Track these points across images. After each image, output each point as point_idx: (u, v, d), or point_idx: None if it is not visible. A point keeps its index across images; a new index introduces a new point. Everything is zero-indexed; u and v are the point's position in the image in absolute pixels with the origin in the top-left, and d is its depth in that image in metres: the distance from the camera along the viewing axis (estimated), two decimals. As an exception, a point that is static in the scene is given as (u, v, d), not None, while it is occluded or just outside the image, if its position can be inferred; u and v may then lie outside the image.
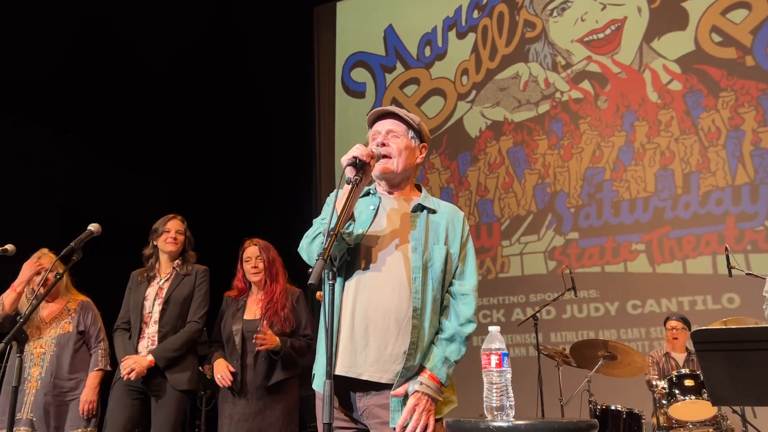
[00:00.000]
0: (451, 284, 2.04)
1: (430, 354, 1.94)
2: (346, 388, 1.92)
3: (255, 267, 3.46)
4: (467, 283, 2.04)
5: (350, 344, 1.91)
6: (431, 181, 6.83)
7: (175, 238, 3.48)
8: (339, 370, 1.89)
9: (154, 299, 3.41)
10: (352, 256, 1.99)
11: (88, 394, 3.47)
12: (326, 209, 2.13)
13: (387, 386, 1.90)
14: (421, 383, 1.87)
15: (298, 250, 2.07)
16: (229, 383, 3.28)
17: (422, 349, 1.92)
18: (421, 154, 2.19)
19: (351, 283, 1.97)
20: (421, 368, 1.92)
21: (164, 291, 3.42)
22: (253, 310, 3.43)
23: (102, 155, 6.21)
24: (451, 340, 1.96)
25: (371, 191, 2.15)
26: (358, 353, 1.90)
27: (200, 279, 3.49)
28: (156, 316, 3.36)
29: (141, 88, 6.38)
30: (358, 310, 1.93)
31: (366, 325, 1.91)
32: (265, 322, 3.30)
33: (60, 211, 5.71)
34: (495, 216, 6.44)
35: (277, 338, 3.27)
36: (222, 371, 3.30)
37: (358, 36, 7.64)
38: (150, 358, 3.24)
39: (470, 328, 1.99)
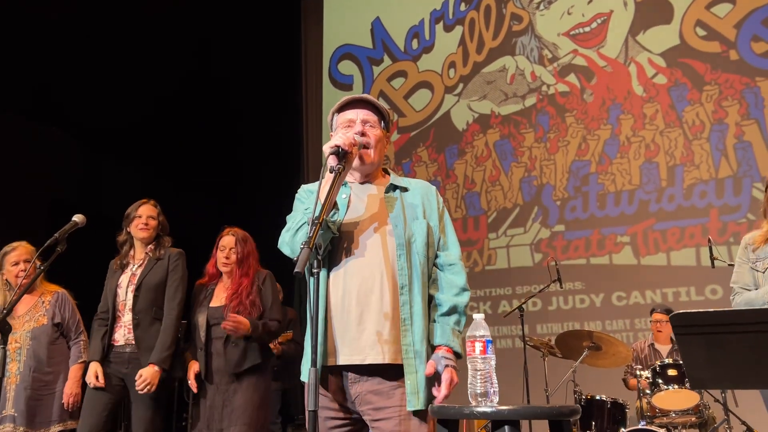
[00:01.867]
0: (436, 257, 2.07)
1: (435, 330, 1.97)
2: (339, 378, 1.94)
3: (227, 258, 3.43)
4: (452, 253, 2.09)
5: (347, 333, 1.91)
6: (419, 174, 6.84)
7: (146, 223, 3.40)
8: (342, 360, 1.90)
9: (127, 286, 3.35)
10: (333, 246, 2.00)
11: (71, 387, 3.44)
12: (298, 204, 2.14)
13: (384, 369, 1.91)
14: (445, 358, 1.91)
15: (279, 245, 2.07)
16: (195, 389, 3.30)
17: (417, 324, 1.93)
18: (387, 142, 2.23)
19: (337, 273, 1.97)
20: (433, 346, 1.95)
21: (137, 277, 3.36)
22: (220, 297, 3.41)
23: (92, 149, 6.17)
24: (450, 313, 1.99)
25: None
26: (356, 340, 1.90)
27: (174, 263, 3.40)
28: (130, 304, 3.30)
29: (133, 81, 6.33)
30: (349, 298, 1.93)
31: (360, 311, 1.92)
32: (229, 313, 3.27)
33: (51, 205, 5.67)
34: (482, 209, 6.47)
35: (248, 323, 3.25)
36: (190, 377, 3.32)
37: (346, 28, 7.63)
38: (157, 368, 3.20)
39: (466, 297, 2.03)
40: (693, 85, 5.73)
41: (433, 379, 1.92)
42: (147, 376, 3.17)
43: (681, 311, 1.32)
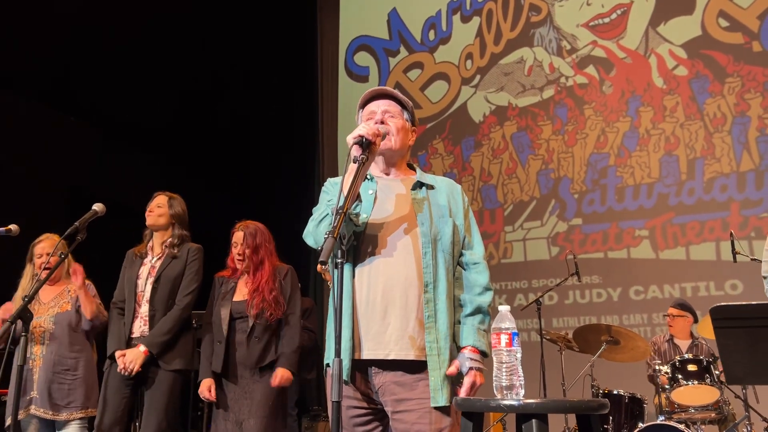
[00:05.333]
0: (461, 255, 2.09)
1: (460, 332, 1.99)
2: (364, 370, 1.94)
3: (240, 254, 3.42)
4: (476, 252, 2.11)
5: (372, 328, 1.92)
6: (434, 166, 6.81)
7: (151, 211, 3.44)
8: (366, 355, 1.91)
9: (147, 278, 3.37)
10: (359, 240, 1.99)
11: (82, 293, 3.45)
12: (323, 196, 2.13)
13: (407, 363, 1.91)
14: (470, 359, 1.93)
15: (303, 236, 2.06)
16: (213, 398, 3.30)
17: (441, 322, 1.93)
18: (413, 136, 2.22)
19: (362, 268, 1.97)
20: (458, 347, 1.97)
21: (156, 270, 3.38)
22: (243, 291, 3.40)
23: (110, 138, 6.19)
24: (474, 313, 2.01)
25: (367, 177, 2.14)
26: (381, 334, 1.91)
27: (192, 256, 3.43)
28: (148, 295, 3.33)
29: (151, 71, 6.34)
30: (374, 293, 1.93)
31: (385, 306, 1.92)
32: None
33: (67, 193, 5.71)
34: (498, 201, 6.43)
35: (287, 373, 3.24)
36: (204, 393, 3.30)
37: (362, 19, 7.59)
38: (143, 349, 3.20)
39: (489, 296, 2.04)
40: (715, 77, 5.65)
41: (458, 376, 1.93)
42: (129, 357, 3.18)
43: (722, 304, 1.29)
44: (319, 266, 3.46)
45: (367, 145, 1.91)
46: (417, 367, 1.91)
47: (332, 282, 1.79)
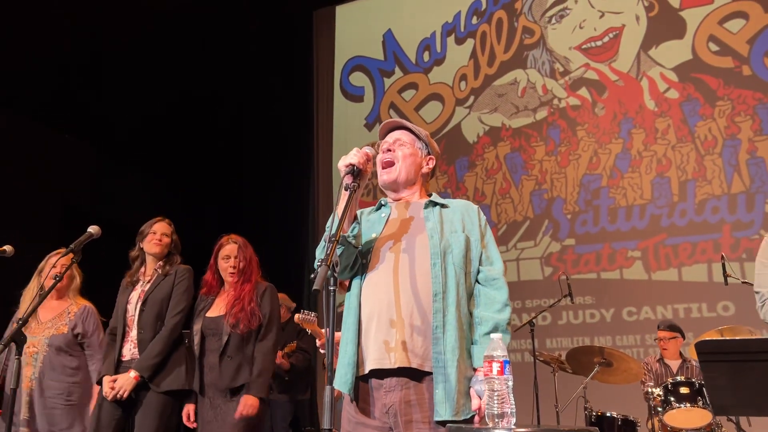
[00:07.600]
0: (478, 272, 2.07)
1: (475, 352, 1.96)
2: (372, 389, 1.96)
3: (233, 267, 3.37)
4: (495, 267, 2.08)
5: (378, 339, 1.94)
6: (429, 186, 6.83)
7: (160, 240, 3.41)
8: (371, 365, 1.93)
9: (136, 302, 3.34)
10: (368, 258, 2.05)
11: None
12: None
13: (414, 380, 1.91)
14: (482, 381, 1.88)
15: (315, 266, 2.08)
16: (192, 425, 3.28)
17: (450, 333, 1.93)
18: (427, 164, 2.28)
19: (369, 282, 2.02)
20: (474, 368, 1.95)
21: (145, 293, 3.35)
22: (219, 307, 3.35)
23: (105, 156, 6.21)
24: (492, 332, 1.96)
25: (383, 203, 2.22)
26: (386, 344, 1.92)
27: (180, 277, 3.39)
28: (136, 318, 3.29)
29: (145, 90, 6.37)
30: (380, 305, 1.96)
31: (390, 317, 1.94)
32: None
33: (62, 212, 5.71)
34: (492, 222, 6.46)
35: (255, 399, 3.16)
36: (183, 418, 3.30)
37: (357, 40, 7.66)
38: (134, 374, 3.15)
39: (507, 313, 2.01)
40: (705, 100, 5.72)
41: (467, 391, 1.92)
42: (120, 382, 3.14)
43: (706, 339, 1.31)
44: (297, 317, 3.52)
45: (357, 172, 1.99)
46: (426, 383, 1.91)
47: (324, 308, 1.81)
